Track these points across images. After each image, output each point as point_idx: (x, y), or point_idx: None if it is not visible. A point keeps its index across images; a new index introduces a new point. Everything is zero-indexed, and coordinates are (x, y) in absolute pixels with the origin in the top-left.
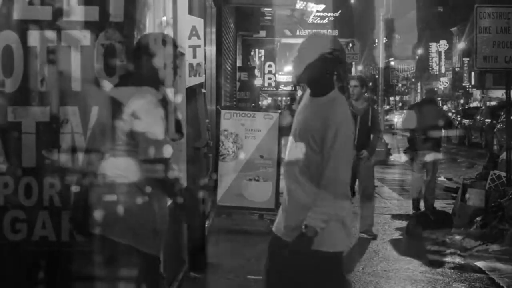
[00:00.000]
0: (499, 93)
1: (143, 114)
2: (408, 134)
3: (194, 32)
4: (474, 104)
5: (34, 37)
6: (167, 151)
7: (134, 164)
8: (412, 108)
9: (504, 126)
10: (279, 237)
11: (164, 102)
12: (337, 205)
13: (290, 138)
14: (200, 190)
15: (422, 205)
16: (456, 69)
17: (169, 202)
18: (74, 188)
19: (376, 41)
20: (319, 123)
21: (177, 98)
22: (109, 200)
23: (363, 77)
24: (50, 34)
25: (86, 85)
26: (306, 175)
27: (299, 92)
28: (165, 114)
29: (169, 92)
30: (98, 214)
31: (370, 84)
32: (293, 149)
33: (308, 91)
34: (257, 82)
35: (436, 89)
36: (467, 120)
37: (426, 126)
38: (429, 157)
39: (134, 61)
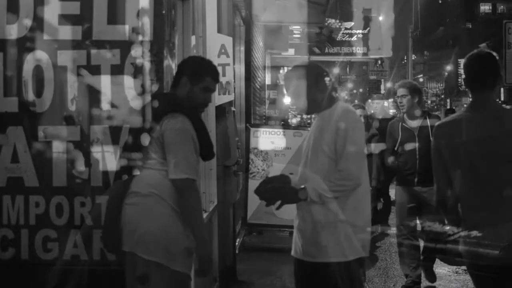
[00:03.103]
0: None
1: (174, 136)
2: None
3: (223, 51)
4: None
5: (64, 56)
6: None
7: (166, 182)
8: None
9: None
10: (299, 259)
11: (197, 125)
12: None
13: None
14: (230, 208)
15: None
16: None
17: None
18: (106, 207)
19: (405, 58)
20: (330, 131)
21: (207, 116)
22: (141, 217)
23: (413, 84)
24: (80, 53)
25: (116, 103)
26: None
27: None
28: (196, 136)
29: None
30: (129, 232)
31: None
32: (311, 165)
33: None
34: (286, 100)
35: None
36: None
37: None
38: None
39: (173, 82)
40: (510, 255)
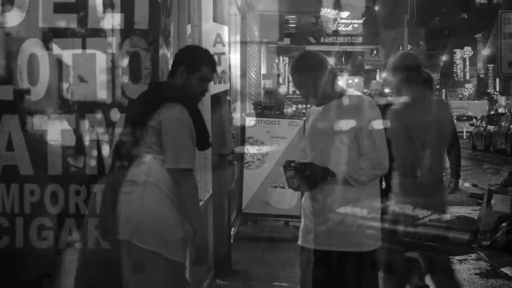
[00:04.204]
0: None
1: (171, 125)
2: None
3: (218, 40)
4: (499, 110)
5: (59, 45)
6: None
7: (162, 171)
8: None
9: None
10: (308, 248)
11: (194, 114)
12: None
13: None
14: (226, 197)
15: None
16: (481, 75)
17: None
18: (101, 195)
19: (401, 47)
20: (350, 120)
21: (202, 105)
22: (136, 206)
23: (427, 73)
24: (76, 41)
25: (111, 92)
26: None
27: None
28: (193, 126)
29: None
30: (125, 221)
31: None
32: (325, 155)
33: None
34: (282, 89)
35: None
36: (492, 127)
37: None
38: None
39: (170, 72)
40: None
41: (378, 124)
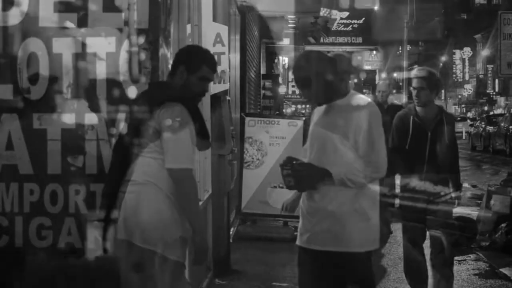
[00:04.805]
0: None
1: (171, 125)
2: None
3: (218, 39)
4: (498, 111)
5: (59, 44)
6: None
7: (162, 171)
8: None
9: None
10: (305, 248)
11: (194, 114)
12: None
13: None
14: (225, 197)
15: None
16: (480, 76)
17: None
18: (101, 194)
19: (400, 48)
20: (349, 122)
21: (202, 105)
22: (136, 206)
23: (433, 73)
24: (76, 41)
25: (111, 91)
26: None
27: None
28: (193, 126)
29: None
30: (125, 220)
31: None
32: (324, 156)
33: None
34: (281, 89)
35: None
36: (491, 127)
37: None
38: None
39: (170, 71)
40: None
41: (378, 126)
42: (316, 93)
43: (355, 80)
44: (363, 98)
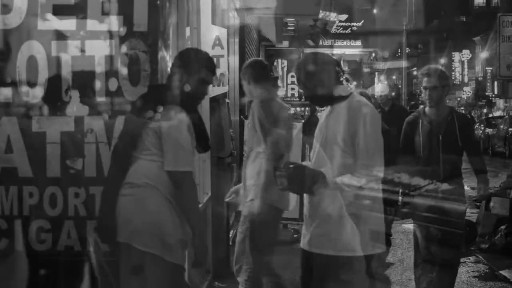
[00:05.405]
0: None
1: (171, 128)
2: None
3: (217, 42)
4: (497, 113)
5: (58, 47)
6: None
7: (162, 173)
8: None
9: None
10: (306, 251)
11: (194, 117)
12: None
13: (317, 147)
14: (224, 200)
15: None
16: (479, 78)
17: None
18: (100, 197)
19: (399, 51)
20: (347, 125)
21: (201, 108)
22: (135, 208)
23: (443, 71)
24: (74, 44)
25: (110, 94)
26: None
27: None
28: (192, 128)
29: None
30: (124, 223)
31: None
32: (322, 158)
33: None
34: (280, 92)
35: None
36: (491, 129)
37: None
38: None
39: (170, 74)
40: None
41: (376, 130)
42: (318, 95)
43: (355, 83)
44: (363, 101)
